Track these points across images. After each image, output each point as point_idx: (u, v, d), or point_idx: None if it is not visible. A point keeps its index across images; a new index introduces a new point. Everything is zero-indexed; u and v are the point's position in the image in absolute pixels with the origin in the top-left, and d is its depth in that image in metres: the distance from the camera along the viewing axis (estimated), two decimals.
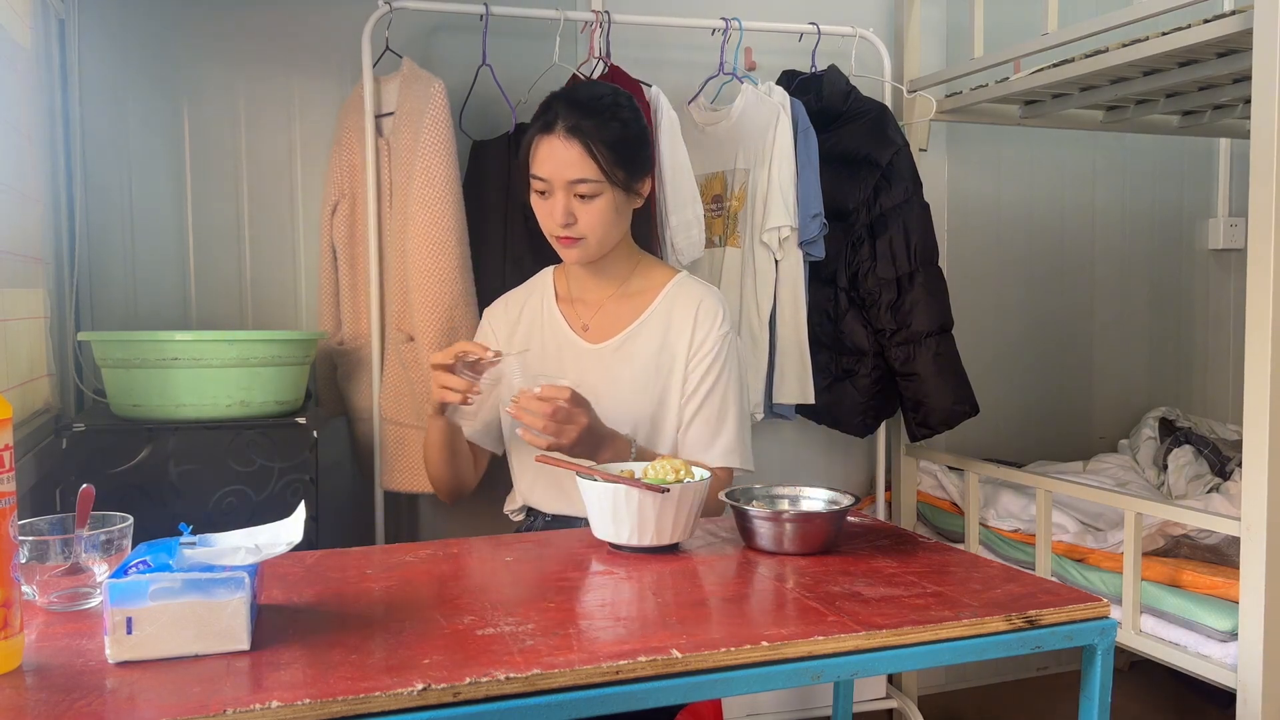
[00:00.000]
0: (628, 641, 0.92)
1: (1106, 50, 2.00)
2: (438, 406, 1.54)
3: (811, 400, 2.24)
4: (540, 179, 1.55)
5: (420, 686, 0.82)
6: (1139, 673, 2.85)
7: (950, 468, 2.51)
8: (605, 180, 1.54)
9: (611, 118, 1.55)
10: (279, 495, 1.71)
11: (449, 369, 1.45)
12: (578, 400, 1.44)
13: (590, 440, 1.45)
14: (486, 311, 1.77)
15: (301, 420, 1.74)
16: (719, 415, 1.62)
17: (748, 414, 1.68)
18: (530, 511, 1.68)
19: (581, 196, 1.54)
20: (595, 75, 2.15)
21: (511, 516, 1.73)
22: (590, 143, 1.52)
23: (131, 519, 1.10)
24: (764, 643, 0.92)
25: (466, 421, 1.66)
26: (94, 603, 1.04)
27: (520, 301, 1.74)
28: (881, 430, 2.50)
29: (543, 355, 1.67)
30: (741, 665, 0.91)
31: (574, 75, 2.17)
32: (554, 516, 1.63)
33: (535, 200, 1.59)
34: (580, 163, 1.52)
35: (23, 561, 1.01)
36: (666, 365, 1.62)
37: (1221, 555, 2.01)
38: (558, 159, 1.53)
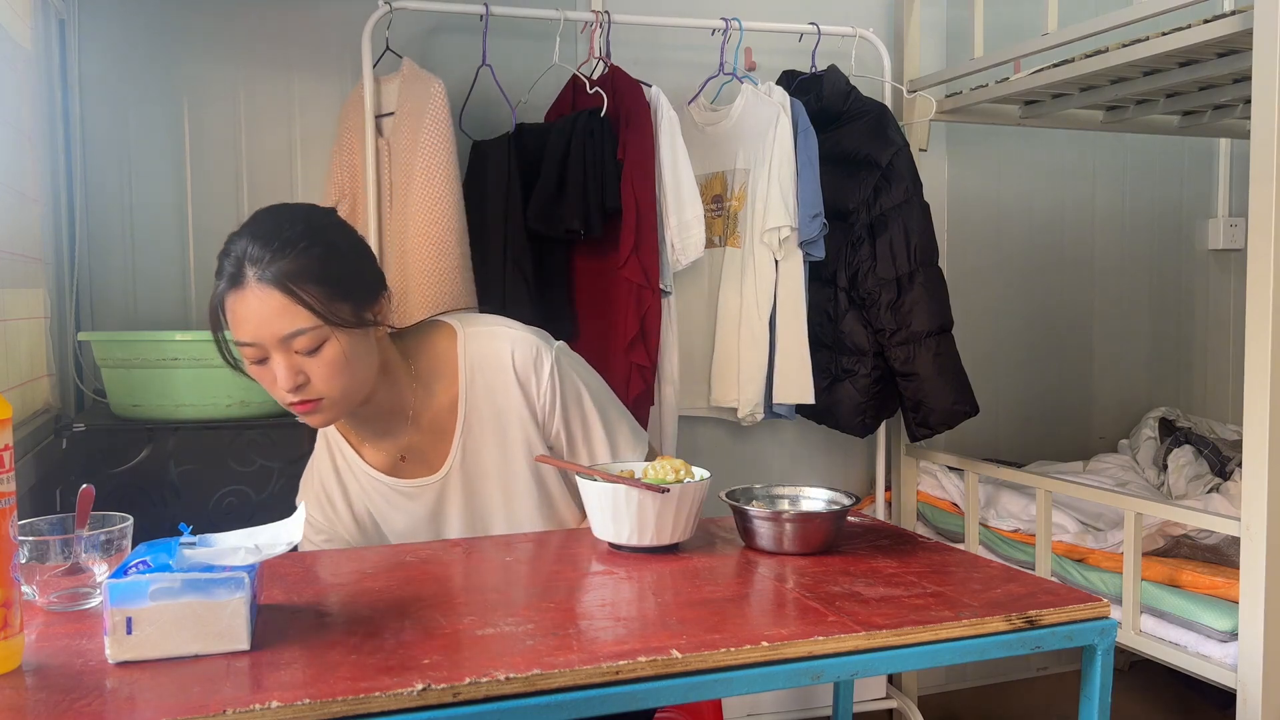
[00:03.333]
0: (628, 641, 0.92)
1: (1106, 50, 2.00)
2: None
3: (811, 400, 2.24)
4: (248, 345, 1.24)
5: (420, 686, 0.81)
6: (1139, 673, 2.85)
7: (950, 468, 2.51)
8: (325, 324, 1.23)
9: (311, 244, 1.25)
10: (279, 495, 1.71)
11: None
12: None
13: None
14: (307, 506, 1.37)
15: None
16: (605, 434, 1.46)
17: (613, 396, 1.53)
18: None
19: (302, 352, 1.24)
20: (595, 75, 2.15)
21: None
22: (293, 285, 1.21)
23: (131, 519, 1.10)
24: (764, 643, 0.92)
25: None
26: (94, 603, 1.04)
27: (331, 476, 1.45)
28: (881, 430, 2.50)
29: (386, 519, 1.45)
30: (741, 665, 0.91)
31: (574, 75, 2.17)
32: None
33: (252, 370, 1.28)
34: (286, 314, 1.22)
35: (23, 561, 1.01)
36: (519, 438, 1.42)
37: (1221, 555, 2.01)
38: (259, 317, 1.22)
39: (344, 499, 1.45)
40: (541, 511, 1.46)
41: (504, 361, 1.40)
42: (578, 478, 1.26)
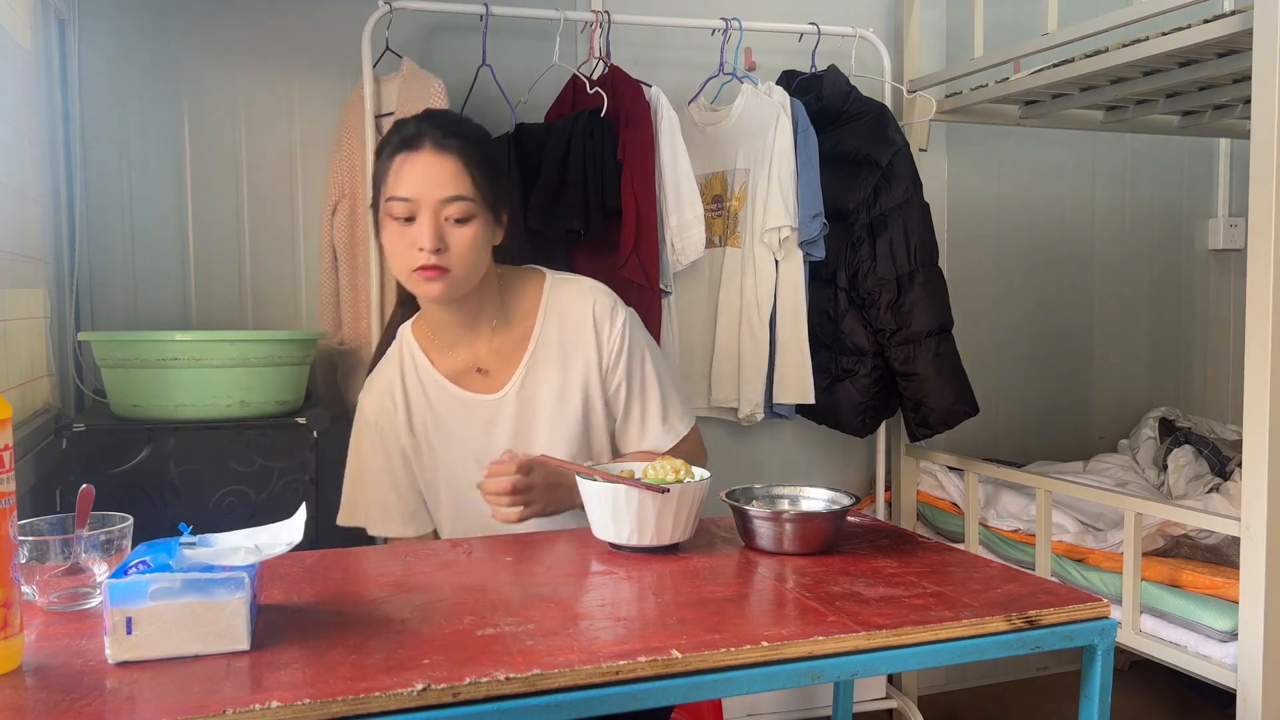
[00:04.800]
0: (628, 641, 0.92)
1: (1106, 50, 2.01)
2: None
3: (811, 400, 2.24)
4: (403, 200, 1.37)
5: (420, 686, 0.81)
6: (1139, 673, 2.85)
7: (950, 468, 2.51)
8: (478, 201, 1.39)
9: (480, 140, 1.45)
10: (279, 495, 1.71)
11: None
12: (524, 468, 1.36)
13: (559, 492, 1.41)
14: (365, 401, 1.55)
15: (301, 420, 1.74)
16: (660, 398, 1.55)
17: (670, 373, 1.61)
18: None
19: (452, 219, 1.38)
20: (595, 75, 2.15)
21: None
22: (464, 159, 1.38)
23: (131, 519, 1.10)
24: (764, 643, 0.92)
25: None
26: (94, 603, 1.04)
27: (396, 378, 1.54)
28: (881, 430, 2.50)
29: (441, 427, 1.52)
30: (741, 665, 0.91)
31: (574, 75, 2.17)
32: None
33: (391, 230, 1.40)
34: (455, 179, 1.37)
35: (23, 561, 1.01)
36: (578, 379, 1.51)
37: (1221, 555, 2.01)
38: (427, 176, 1.37)
39: (404, 402, 1.53)
40: (579, 460, 1.52)
41: (585, 305, 1.52)
42: (578, 478, 1.26)
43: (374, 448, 1.55)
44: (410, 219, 1.38)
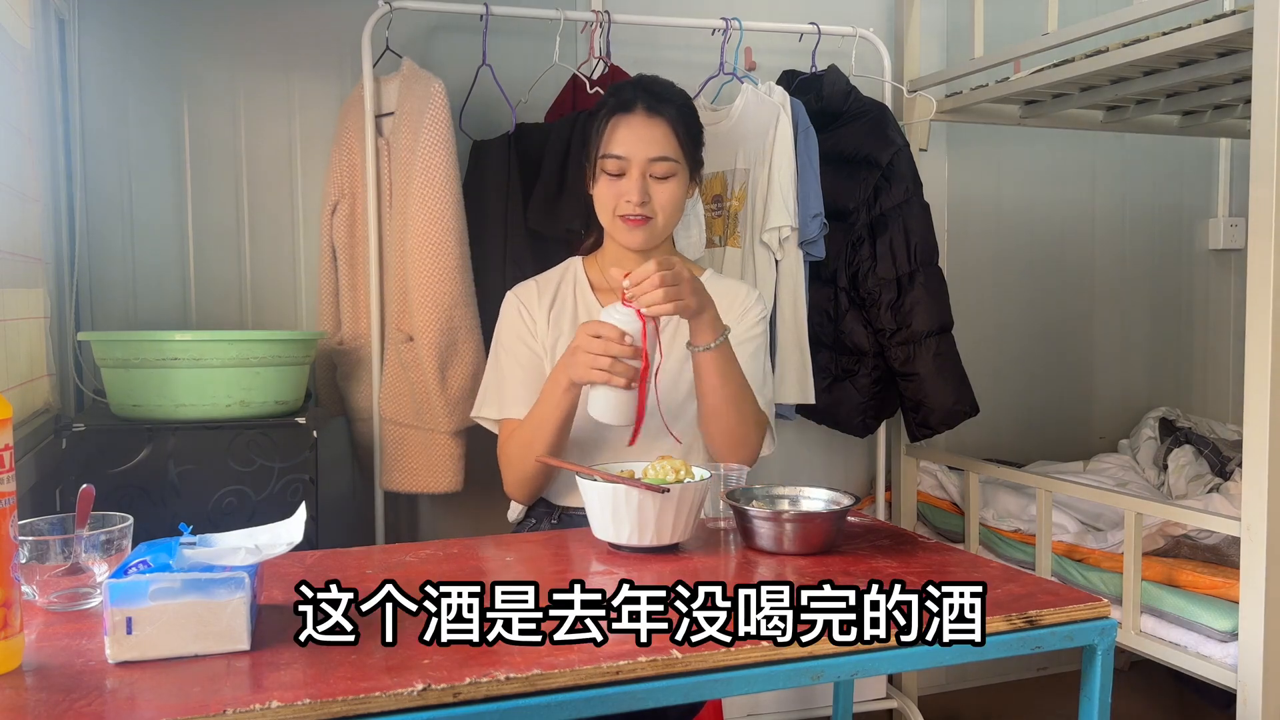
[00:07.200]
0: (628, 641, 0.92)
1: (1106, 50, 2.00)
2: (572, 383, 1.42)
3: (811, 400, 2.24)
4: (616, 157, 1.56)
5: (420, 686, 0.81)
6: (1139, 673, 2.85)
7: (950, 468, 2.51)
8: (682, 161, 1.58)
9: (685, 106, 1.62)
10: (279, 495, 1.70)
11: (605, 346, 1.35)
12: (667, 264, 1.36)
13: (702, 294, 1.43)
14: (515, 293, 1.69)
15: (301, 420, 1.73)
16: (769, 374, 1.67)
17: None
18: (539, 508, 1.67)
19: (658, 177, 1.56)
20: (595, 75, 2.15)
21: (515, 524, 1.72)
22: (672, 123, 1.57)
23: (131, 519, 1.10)
24: (764, 643, 0.92)
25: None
26: (94, 603, 1.04)
27: (552, 288, 1.69)
28: (881, 430, 2.50)
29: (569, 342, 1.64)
30: (741, 665, 0.91)
31: (574, 75, 2.17)
32: (563, 510, 1.63)
33: (603, 183, 1.58)
34: (663, 140, 1.56)
35: (23, 561, 1.01)
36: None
37: (1221, 555, 2.01)
38: (639, 136, 1.56)
39: (552, 296, 1.67)
40: (671, 408, 1.59)
41: (740, 294, 1.66)
42: (578, 478, 1.26)
43: (510, 331, 1.65)
44: (620, 174, 1.56)
